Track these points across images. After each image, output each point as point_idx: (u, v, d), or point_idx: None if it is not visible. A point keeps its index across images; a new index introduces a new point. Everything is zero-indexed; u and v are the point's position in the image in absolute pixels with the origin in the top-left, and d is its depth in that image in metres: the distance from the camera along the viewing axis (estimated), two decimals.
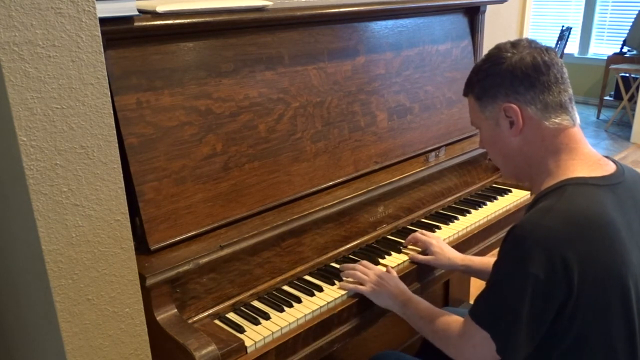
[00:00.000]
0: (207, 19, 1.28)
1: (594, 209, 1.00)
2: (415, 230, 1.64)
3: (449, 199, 1.88)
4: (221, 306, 1.29)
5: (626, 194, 1.06)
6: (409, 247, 1.59)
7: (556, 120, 1.09)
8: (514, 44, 1.11)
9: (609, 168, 1.09)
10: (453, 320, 1.18)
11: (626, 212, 1.05)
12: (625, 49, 6.18)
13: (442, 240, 1.59)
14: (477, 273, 1.50)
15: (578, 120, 1.12)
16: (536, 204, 1.05)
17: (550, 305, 0.99)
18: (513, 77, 1.09)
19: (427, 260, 1.52)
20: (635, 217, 1.06)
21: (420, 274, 1.54)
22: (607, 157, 1.13)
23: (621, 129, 5.93)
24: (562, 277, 0.96)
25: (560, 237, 0.97)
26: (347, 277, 1.40)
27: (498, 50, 1.12)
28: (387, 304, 1.34)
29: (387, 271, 1.43)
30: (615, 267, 0.99)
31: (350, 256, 1.55)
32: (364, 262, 1.45)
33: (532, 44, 1.11)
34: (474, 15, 2.03)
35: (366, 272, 1.39)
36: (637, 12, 5.88)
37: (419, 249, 1.57)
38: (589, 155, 1.09)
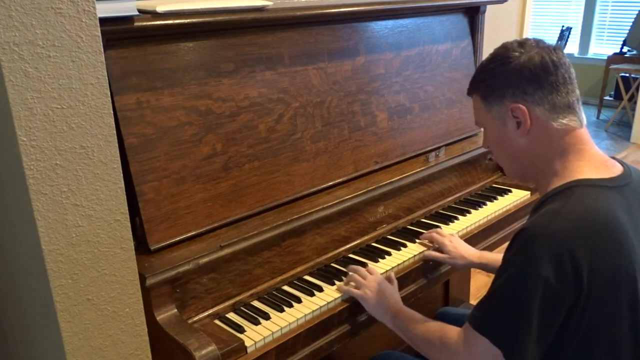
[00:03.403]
0: (207, 19, 1.28)
1: (602, 211, 1.00)
2: (416, 231, 1.64)
3: (449, 199, 1.88)
4: (221, 306, 1.29)
5: (633, 196, 1.06)
6: (425, 243, 1.59)
7: (564, 121, 1.08)
8: (521, 43, 1.10)
9: (616, 170, 1.08)
10: (449, 328, 1.13)
11: (633, 213, 1.04)
12: (625, 49, 6.18)
13: (456, 237, 1.57)
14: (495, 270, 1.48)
15: (585, 121, 1.10)
16: (543, 205, 1.04)
17: (560, 308, 0.97)
18: (521, 77, 1.07)
19: (443, 259, 1.51)
20: None
21: (424, 271, 1.54)
22: (613, 157, 1.12)
23: (621, 129, 5.94)
24: (571, 279, 0.95)
25: (569, 240, 0.96)
26: (350, 278, 1.39)
27: (505, 49, 1.11)
28: (378, 312, 1.30)
29: (389, 279, 1.40)
30: (623, 269, 0.99)
31: (350, 256, 1.54)
32: (369, 267, 1.43)
33: (539, 43, 1.10)
34: (474, 15, 2.03)
35: (365, 276, 1.36)
36: (637, 12, 5.88)
37: (433, 246, 1.56)
38: (595, 157, 1.08)
